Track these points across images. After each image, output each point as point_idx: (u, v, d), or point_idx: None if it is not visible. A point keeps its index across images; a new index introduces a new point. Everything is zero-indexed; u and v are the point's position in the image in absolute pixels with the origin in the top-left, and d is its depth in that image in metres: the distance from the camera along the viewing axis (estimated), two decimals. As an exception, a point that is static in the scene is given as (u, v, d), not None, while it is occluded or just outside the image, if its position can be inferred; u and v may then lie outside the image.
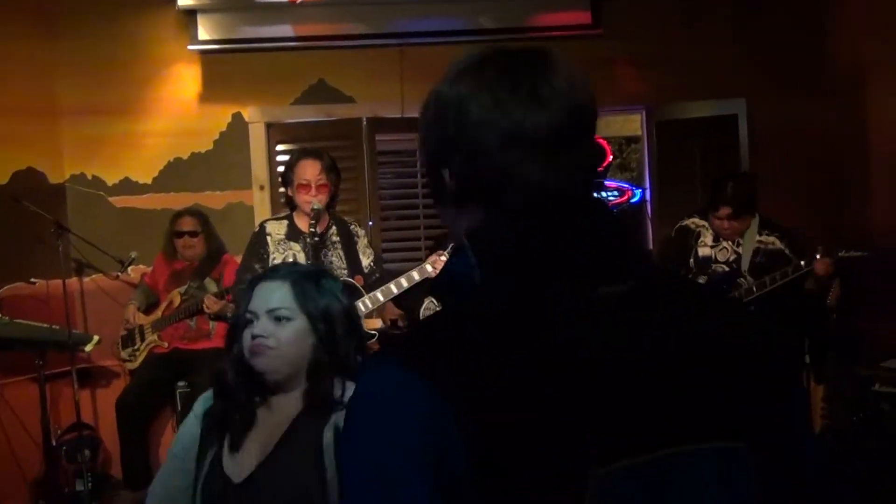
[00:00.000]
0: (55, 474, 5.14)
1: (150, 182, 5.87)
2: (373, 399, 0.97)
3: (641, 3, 5.96)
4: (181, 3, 5.61)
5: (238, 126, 5.90)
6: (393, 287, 4.29)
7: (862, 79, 5.55)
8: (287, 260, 4.31)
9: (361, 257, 4.48)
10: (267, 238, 4.39)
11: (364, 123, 5.83)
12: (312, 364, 2.16)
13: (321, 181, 4.30)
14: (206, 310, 5.17)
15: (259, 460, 2.12)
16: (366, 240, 4.60)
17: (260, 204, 5.88)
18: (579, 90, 1.10)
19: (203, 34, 5.75)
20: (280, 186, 5.10)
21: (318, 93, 5.90)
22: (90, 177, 5.83)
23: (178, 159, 5.87)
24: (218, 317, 5.20)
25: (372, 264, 4.53)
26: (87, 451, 5.15)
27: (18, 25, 5.63)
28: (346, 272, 4.35)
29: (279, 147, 5.89)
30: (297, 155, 4.43)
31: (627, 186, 6.39)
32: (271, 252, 4.35)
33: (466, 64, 1.11)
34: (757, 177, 5.19)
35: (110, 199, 5.85)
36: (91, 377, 5.72)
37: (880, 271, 5.30)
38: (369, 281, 4.44)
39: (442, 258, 4.16)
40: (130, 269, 5.61)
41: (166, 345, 5.38)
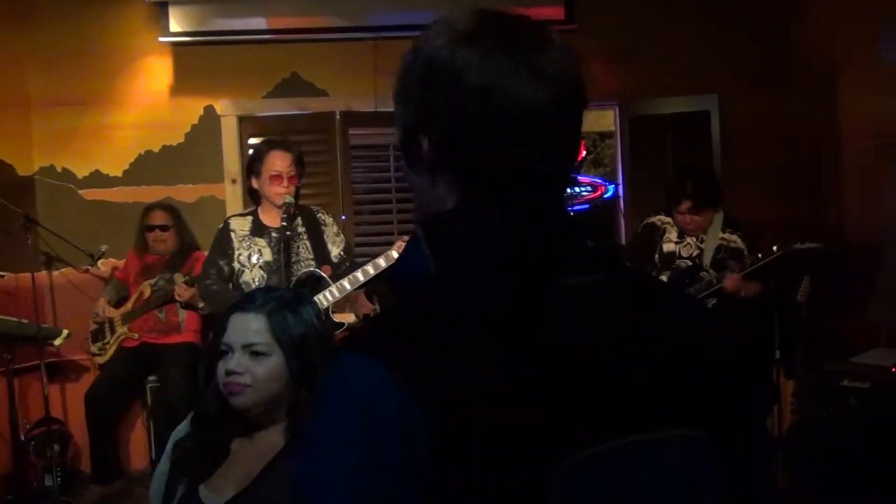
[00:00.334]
0: (24, 469, 5.09)
1: (121, 175, 5.82)
2: (344, 391, 0.94)
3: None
4: (153, -5, 5.56)
5: (210, 119, 5.86)
6: (360, 275, 4.23)
7: (833, 75, 5.60)
8: (252, 256, 4.27)
9: (331, 246, 4.40)
10: (231, 234, 4.34)
11: (337, 117, 5.80)
12: (291, 402, 2.10)
13: (291, 173, 4.27)
14: (177, 297, 5.15)
15: (237, 491, 2.07)
16: (335, 228, 4.50)
17: (232, 198, 5.84)
18: (575, 69, 1.10)
19: (175, 26, 5.70)
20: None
21: (292, 86, 5.87)
22: (60, 169, 5.78)
23: (150, 152, 5.83)
24: (188, 305, 5.18)
25: (342, 253, 4.45)
26: (57, 446, 5.12)
27: (-13, 16, 5.57)
28: (314, 263, 4.30)
29: (252, 140, 5.84)
30: (267, 145, 4.35)
31: (600, 182, 6.40)
32: (236, 248, 4.31)
33: (461, 27, 1.06)
34: (715, 172, 5.24)
35: (80, 192, 5.80)
36: (60, 371, 5.68)
37: (849, 266, 5.36)
38: (339, 270, 4.37)
39: None
40: (101, 263, 5.55)
41: (136, 336, 5.34)
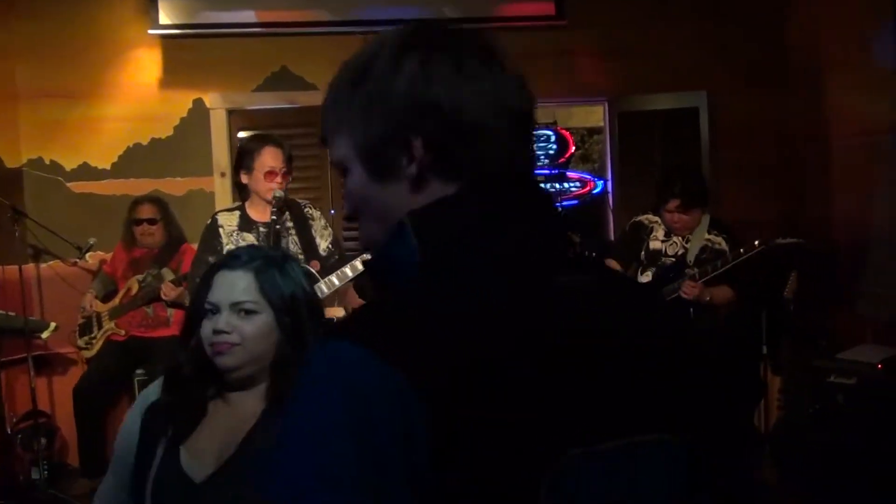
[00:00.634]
0: (11, 462, 5.09)
1: (109, 168, 5.80)
2: (331, 380, 0.91)
3: (605, -5, 5.99)
4: (142, -13, 5.55)
5: (199, 112, 5.84)
6: (348, 270, 4.21)
7: (822, 74, 5.62)
8: None
9: (319, 240, 4.38)
10: (219, 230, 4.32)
11: (327, 111, 5.78)
12: (277, 359, 2.03)
13: (284, 169, 4.27)
14: (164, 297, 5.12)
15: (221, 459, 2.00)
16: (322, 221, 4.46)
17: (221, 191, 5.83)
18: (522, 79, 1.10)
19: (164, 18, 5.68)
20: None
21: (281, 80, 5.86)
22: (48, 161, 5.75)
23: (138, 145, 5.81)
24: (175, 304, 5.16)
25: (330, 246, 4.42)
26: (44, 439, 5.11)
27: (-25, 7, 5.54)
28: (303, 257, 4.29)
29: (241, 134, 5.83)
30: (261, 142, 4.34)
31: (589, 177, 6.43)
32: (225, 244, 4.30)
33: (423, 37, 1.05)
34: (704, 173, 5.26)
35: (68, 185, 5.77)
36: (48, 364, 5.66)
37: (837, 263, 5.38)
38: (328, 263, 4.34)
39: None
40: (88, 256, 5.53)
41: (123, 332, 5.33)
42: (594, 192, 6.29)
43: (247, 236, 4.31)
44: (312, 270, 4.23)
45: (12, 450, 5.09)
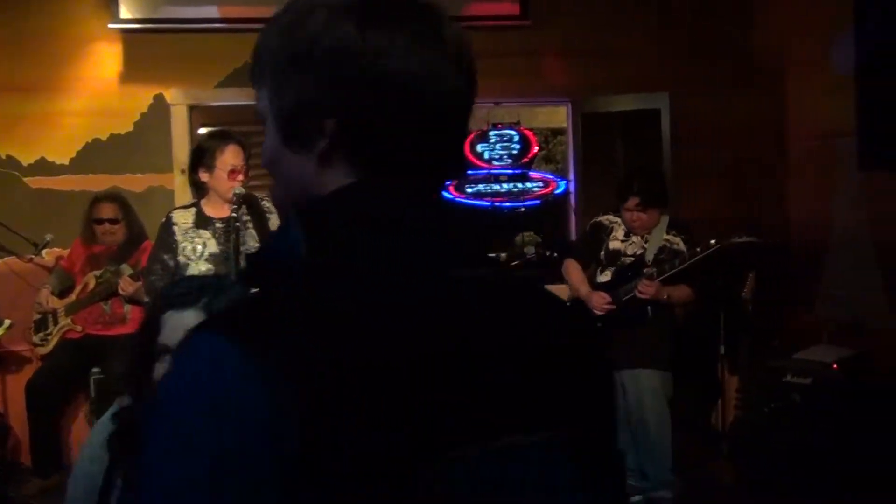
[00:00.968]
0: (-38, 461, 5.01)
1: (68, 163, 5.72)
2: (191, 376, 0.87)
3: (570, -4, 6.00)
4: (102, -20, 5.49)
5: (160, 108, 5.78)
6: None
7: (783, 75, 5.67)
8: (197, 248, 4.23)
9: None
10: (174, 228, 4.29)
11: (288, 108, 5.75)
12: None
13: (245, 167, 4.27)
14: (122, 292, 5.06)
15: None
16: None
17: (181, 188, 5.75)
18: (471, 60, 1.05)
19: (125, 12, 5.62)
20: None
21: (243, 76, 5.72)
22: (4, 156, 5.67)
23: (97, 140, 5.74)
24: (132, 300, 5.10)
25: None
26: (-4, 438, 5.03)
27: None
28: None
29: (202, 130, 5.79)
30: (222, 140, 4.32)
31: (552, 178, 6.43)
32: (180, 242, 4.27)
33: (367, 4, 0.99)
34: (664, 173, 5.29)
35: (25, 180, 5.69)
36: (1, 363, 5.57)
37: (795, 263, 5.43)
38: None
39: None
40: (45, 252, 5.46)
41: (80, 328, 5.26)
42: (557, 193, 6.30)
43: (203, 233, 4.27)
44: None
45: (-36, 448, 5.01)
